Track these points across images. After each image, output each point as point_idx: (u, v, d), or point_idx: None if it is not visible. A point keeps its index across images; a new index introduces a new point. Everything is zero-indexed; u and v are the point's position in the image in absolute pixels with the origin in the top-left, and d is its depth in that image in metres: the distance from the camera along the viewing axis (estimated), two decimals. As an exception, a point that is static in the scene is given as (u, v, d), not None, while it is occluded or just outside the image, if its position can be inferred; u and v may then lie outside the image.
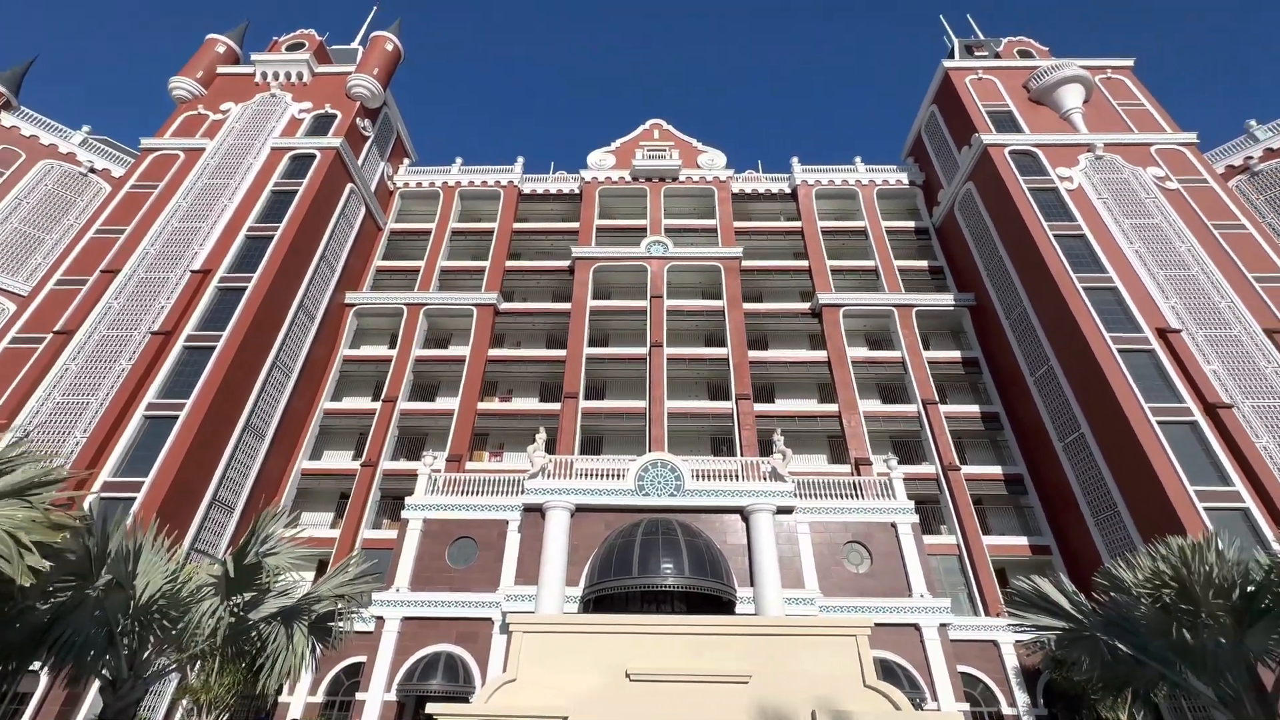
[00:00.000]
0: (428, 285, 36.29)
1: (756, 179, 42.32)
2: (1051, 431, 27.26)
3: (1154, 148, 32.53)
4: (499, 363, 33.96)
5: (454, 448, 29.86)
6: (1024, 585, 10.94)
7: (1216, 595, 9.21)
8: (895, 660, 19.20)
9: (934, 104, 39.84)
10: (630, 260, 36.23)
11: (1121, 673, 10.53)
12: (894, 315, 34.22)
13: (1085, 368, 25.40)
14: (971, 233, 34.77)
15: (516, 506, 21.90)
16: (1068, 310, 26.47)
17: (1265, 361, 24.28)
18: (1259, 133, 36.88)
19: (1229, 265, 27.34)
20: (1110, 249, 28.19)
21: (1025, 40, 40.57)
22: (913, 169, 41.78)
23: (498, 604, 19.95)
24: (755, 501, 21.10)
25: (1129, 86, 36.62)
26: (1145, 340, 25.16)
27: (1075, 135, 33.34)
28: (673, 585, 18.59)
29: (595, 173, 40.89)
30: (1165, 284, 26.92)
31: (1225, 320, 25.61)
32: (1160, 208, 29.73)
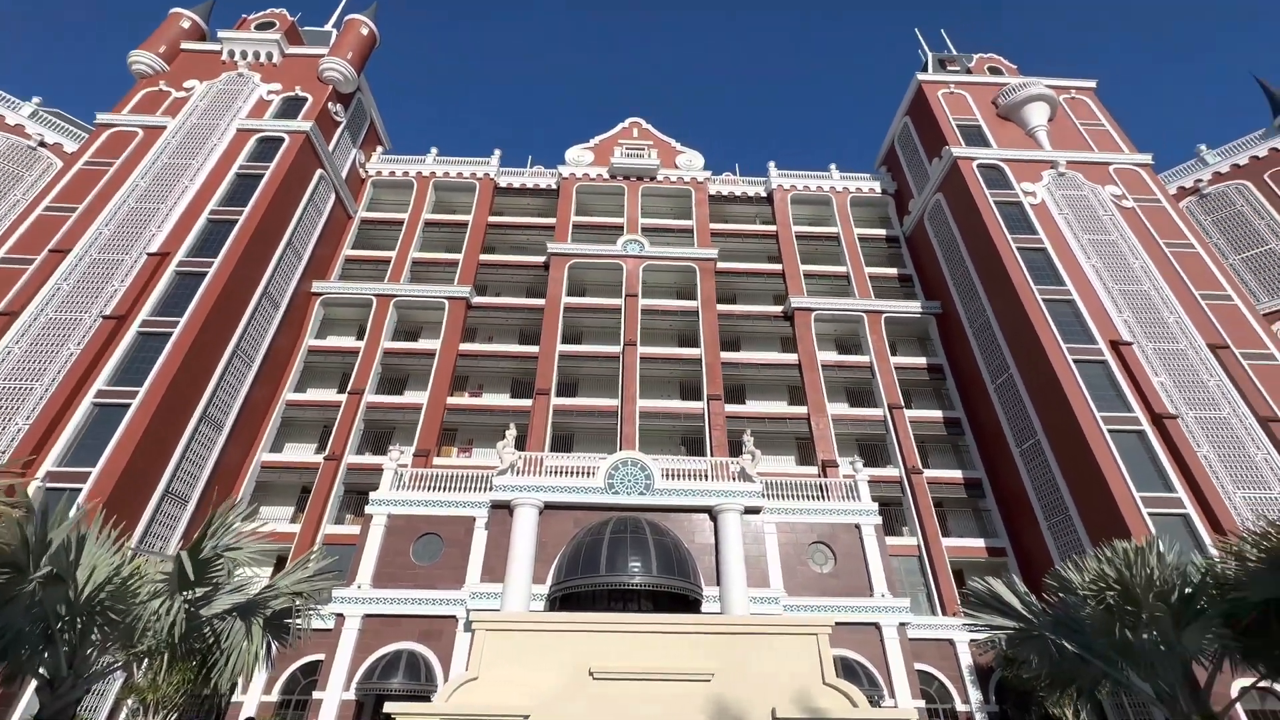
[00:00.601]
0: (399, 276, 35.58)
1: (734, 182, 42.66)
2: (1010, 437, 28.18)
3: (1112, 167, 33.89)
4: (470, 357, 33.52)
5: (422, 442, 29.37)
6: (979, 586, 11.31)
7: (1156, 597, 9.67)
8: (855, 658, 19.61)
9: (907, 115, 40.74)
10: (606, 258, 36.15)
11: (1067, 670, 10.96)
12: (863, 321, 34.92)
13: (1043, 376, 26.33)
14: (940, 242, 35.68)
15: (484, 503, 21.65)
16: (1028, 321, 27.39)
17: (1208, 375, 25.53)
18: (1208, 157, 38.75)
19: (1178, 283, 28.65)
20: (1069, 263, 29.26)
21: (995, 57, 41.80)
22: (885, 178, 42.66)
23: (463, 601, 19.71)
24: (723, 501, 21.29)
25: (1091, 107, 38.05)
26: (1099, 352, 26.19)
27: (1039, 152, 34.50)
28: (640, 584, 18.64)
29: (573, 169, 40.66)
30: (1119, 298, 28.06)
31: (1173, 335, 26.83)
32: (1116, 225, 30.98)
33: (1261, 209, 35.78)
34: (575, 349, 33.10)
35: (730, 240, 39.72)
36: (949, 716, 21.38)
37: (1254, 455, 23.25)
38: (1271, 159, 36.70)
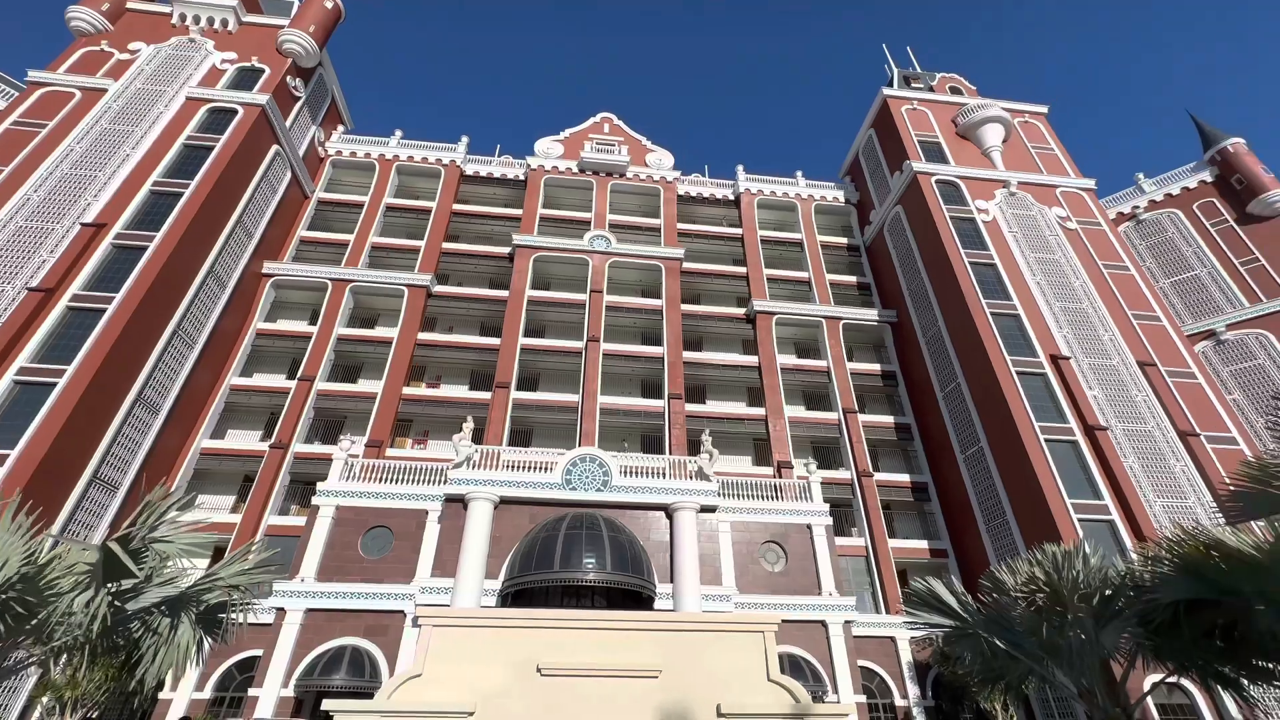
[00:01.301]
0: (356, 261, 34.47)
1: (702, 183, 42.98)
2: (955, 444, 29.37)
3: (1059, 190, 35.64)
4: (429, 347, 32.77)
5: (375, 433, 28.57)
6: (920, 586, 11.73)
7: (1080, 598, 10.25)
8: (802, 655, 20.11)
9: (872, 128, 41.86)
10: (572, 253, 35.90)
11: (998, 667, 11.50)
12: (822, 326, 35.75)
13: (988, 387, 27.52)
14: (898, 253, 36.83)
15: (438, 496, 21.24)
16: (976, 333, 28.57)
17: (1137, 391, 27.18)
18: (1146, 186, 41.20)
19: (1113, 302, 30.38)
20: (1016, 279, 30.64)
21: (956, 78, 43.34)
22: (849, 188, 43.74)
23: (412, 596, 19.29)
24: (680, 499, 21.48)
25: (1042, 131, 39.90)
26: (1040, 365, 27.54)
27: (994, 171, 36.00)
28: (594, 580, 18.63)
29: (542, 160, 40.19)
30: (1060, 315, 29.56)
31: (1107, 351, 28.44)
32: (1060, 245, 32.61)
33: (1190, 237, 38.28)
34: (537, 343, 32.78)
35: (696, 241, 40.01)
36: (888, 711, 22.18)
37: (1173, 467, 24.89)
38: (1200, 191, 39.29)
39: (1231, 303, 35.11)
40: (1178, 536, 9.70)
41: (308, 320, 33.19)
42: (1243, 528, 8.92)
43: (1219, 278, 36.18)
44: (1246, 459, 8.02)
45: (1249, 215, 36.93)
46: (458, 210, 38.56)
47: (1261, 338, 33.29)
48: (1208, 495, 23.64)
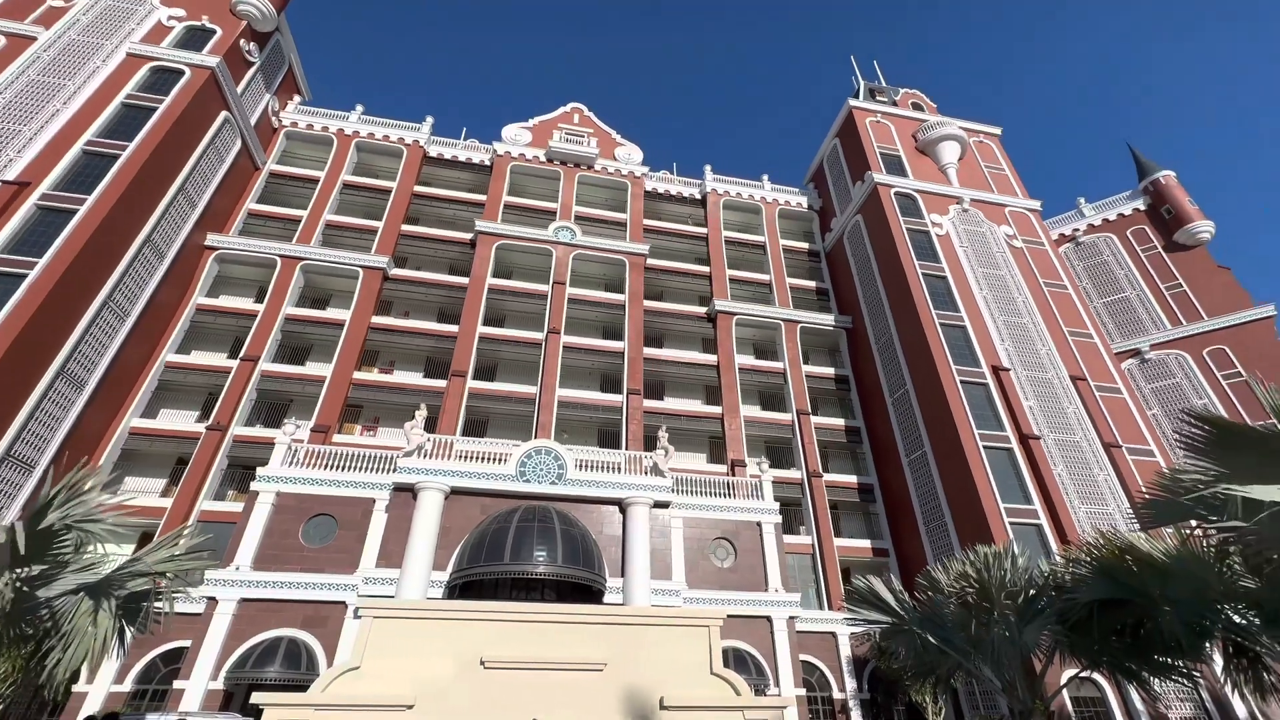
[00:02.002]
0: (309, 238, 33.09)
1: (670, 180, 43.10)
2: (901, 447, 30.49)
3: (1008, 209, 37.34)
4: (383, 331, 31.81)
5: (322, 417, 27.58)
6: (861, 584, 12.18)
7: (1007, 596, 10.85)
8: (747, 649, 20.55)
9: (837, 137, 42.85)
10: (536, 242, 35.45)
11: (929, 661, 12.06)
12: (781, 329, 36.46)
13: (934, 394, 28.67)
14: (856, 261, 37.89)
15: (387, 485, 20.68)
16: (926, 342, 29.70)
17: (1068, 403, 28.81)
18: (1086, 210, 43.60)
19: (1051, 319, 32.08)
20: (965, 292, 31.98)
21: (918, 94, 44.79)
22: (812, 194, 44.66)
23: (354, 587, 18.76)
24: (634, 494, 21.58)
25: (995, 151, 41.69)
26: (982, 375, 28.86)
27: (949, 187, 37.41)
28: (544, 573, 18.52)
29: (509, 147, 39.48)
30: (1002, 328, 31.02)
31: (1043, 365, 30.04)
32: (1006, 261, 34.21)
33: (1122, 260, 40.76)
34: (496, 332, 32.26)
35: (662, 238, 40.13)
36: (826, 703, 22.91)
37: (1097, 476, 26.53)
38: (1134, 218, 41.85)
39: (1156, 324, 37.60)
40: (1096, 541, 10.38)
41: (254, 298, 31.70)
42: (1154, 534, 9.59)
43: (1146, 300, 38.68)
44: (1161, 470, 8.63)
45: (1175, 243, 39.58)
46: (419, 192, 37.49)
47: (1180, 358, 35.79)
48: (1126, 503, 25.32)
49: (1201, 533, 8.57)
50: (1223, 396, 33.51)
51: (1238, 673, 9.43)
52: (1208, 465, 6.88)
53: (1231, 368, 34.08)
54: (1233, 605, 8.36)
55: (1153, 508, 8.13)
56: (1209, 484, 6.91)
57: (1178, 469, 8.17)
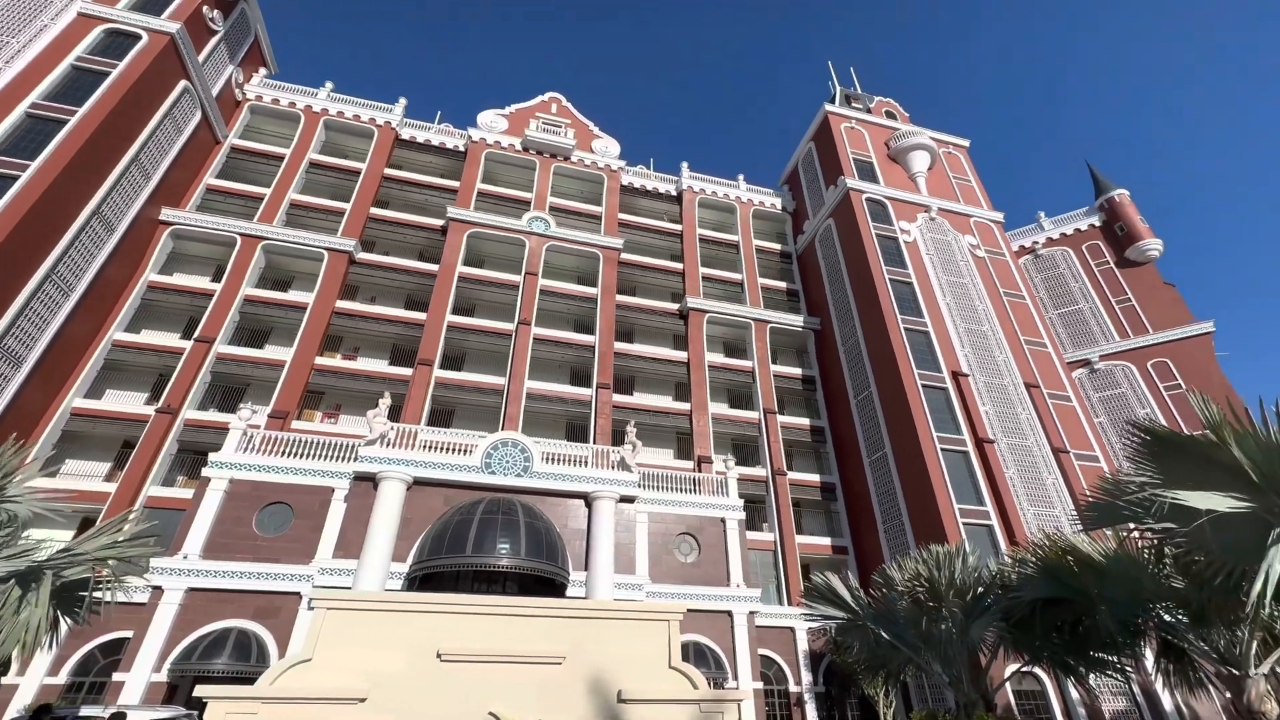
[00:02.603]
0: (271, 217, 31.95)
1: (647, 175, 43.03)
2: (863, 448, 31.22)
3: (972, 219, 38.47)
4: (347, 316, 30.97)
5: (280, 403, 26.75)
6: (819, 581, 12.48)
7: (956, 594, 11.24)
8: (707, 643, 20.81)
9: (812, 141, 43.43)
10: (509, 232, 34.99)
11: (881, 656, 12.43)
12: (751, 328, 36.87)
13: (896, 397, 29.42)
14: (826, 264, 38.53)
15: (347, 474, 20.21)
16: (890, 346, 30.43)
17: (1021, 409, 29.93)
18: (1045, 224, 45.24)
19: (1009, 327, 33.24)
20: (929, 299, 32.86)
21: (892, 103, 45.70)
22: (786, 196, 45.20)
23: (310, 577, 18.30)
24: (600, 489, 21.57)
25: (963, 162, 42.87)
26: (943, 380, 29.73)
27: (918, 195, 38.33)
28: (506, 566, 18.39)
29: (484, 133, 38.81)
30: (963, 334, 32.00)
31: (1000, 371, 31.11)
32: (969, 270, 35.27)
33: (1077, 274, 42.47)
34: (466, 321, 31.76)
35: (636, 233, 40.07)
36: (782, 696, 23.39)
37: (1045, 479, 27.66)
38: (1089, 234, 43.62)
39: (1105, 336, 39.32)
40: (1042, 541, 10.82)
41: (210, 276, 30.50)
42: (1095, 535, 10.04)
43: (1097, 313, 40.40)
44: (1104, 475, 9.04)
45: (1126, 259, 41.42)
46: (389, 175, 36.56)
47: (1126, 369, 37.54)
48: (1070, 505, 26.46)
49: (1138, 535, 9.02)
50: (1164, 407, 35.29)
51: (1166, 668, 9.97)
52: (1147, 472, 7.24)
53: (1172, 380, 35.91)
54: (1164, 604, 8.84)
55: (1095, 511, 8.53)
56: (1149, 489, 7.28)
57: (1119, 475, 8.58)
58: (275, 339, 30.28)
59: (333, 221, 33.33)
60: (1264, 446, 5.97)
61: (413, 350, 30.64)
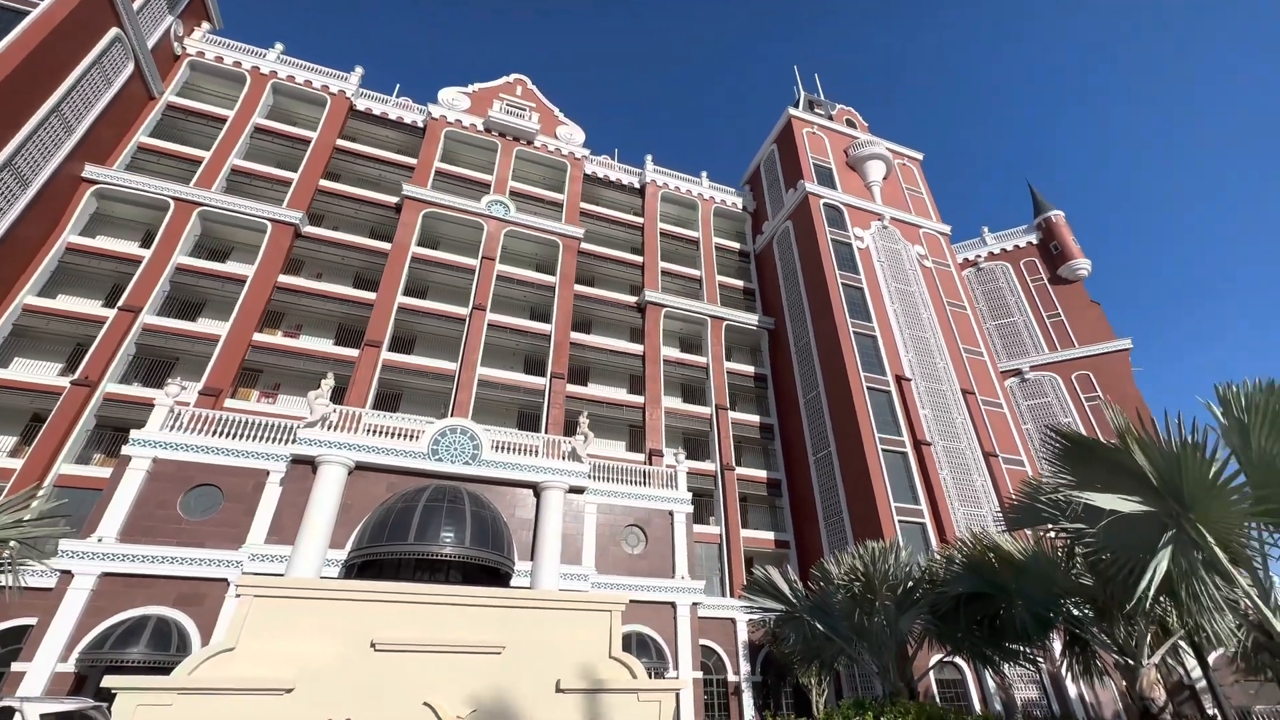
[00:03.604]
0: (210, 183, 30.09)
1: (611, 166, 42.76)
2: (809, 446, 32.15)
3: (922, 230, 40.01)
4: (291, 292, 29.56)
5: (214, 379, 25.34)
6: (760, 574, 12.81)
7: (888, 588, 11.76)
8: (650, 634, 21.06)
9: (775, 143, 44.14)
10: (467, 214, 34.13)
11: (816, 646, 12.90)
12: (707, 324, 37.31)
13: (842, 398, 30.40)
14: (783, 265, 39.33)
15: (284, 456, 19.35)
16: (839, 348, 31.39)
17: (957, 413, 31.46)
18: (988, 239, 47.54)
19: (950, 335, 34.82)
20: (878, 305, 34.04)
21: (853, 111, 46.93)
22: (748, 196, 45.82)
23: (239, 563, 17.47)
24: (550, 479, 21.44)
25: (916, 174, 44.48)
26: (887, 384, 30.91)
27: (873, 204, 39.55)
28: (450, 554, 18.04)
29: (445, 111, 37.65)
30: (908, 340, 33.32)
31: (939, 377, 32.58)
32: (916, 279, 36.71)
33: (1014, 288, 44.86)
34: (417, 303, 30.85)
35: (597, 223, 39.81)
36: (721, 685, 23.96)
37: (975, 481, 29.21)
38: (1027, 250, 46.11)
39: (1036, 348, 41.75)
40: (968, 540, 11.44)
41: (139, 242, 28.53)
42: (1016, 534, 10.68)
43: (1030, 326, 42.82)
44: (1027, 478, 9.61)
45: (1059, 277, 44.01)
46: (342, 147, 35.00)
47: (1052, 380, 39.99)
48: (996, 506, 28.05)
49: (1054, 535, 9.66)
50: (1084, 416, 37.80)
51: (1072, 658, 10.74)
52: (1063, 474, 7.75)
53: (1093, 391, 38.49)
54: (1073, 600, 9.50)
55: (1017, 512, 9.08)
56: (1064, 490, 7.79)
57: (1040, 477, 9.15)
58: (210, 312, 28.63)
59: (278, 191, 31.69)
60: (1164, 455, 6.48)
61: (360, 330, 29.57)
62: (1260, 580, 6.65)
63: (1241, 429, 6.29)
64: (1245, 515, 6.31)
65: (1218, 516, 6.30)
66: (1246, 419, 6.23)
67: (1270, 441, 6.12)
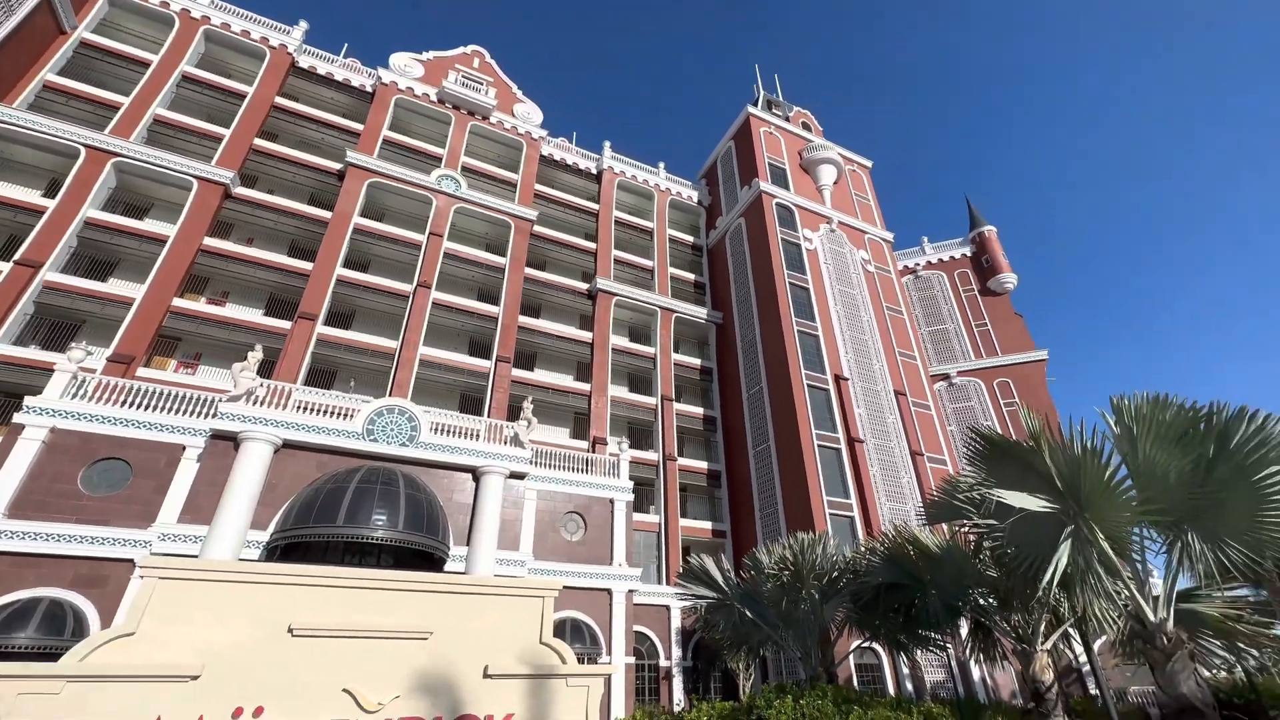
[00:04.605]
0: (129, 131, 27.66)
1: (568, 149, 42.11)
2: (749, 439, 32.99)
3: (867, 236, 41.52)
4: (218, 257, 27.68)
5: (125, 345, 23.47)
6: (694, 562, 13.10)
7: (815, 577, 12.27)
8: (584, 620, 21.16)
9: (732, 140, 44.61)
10: (416, 187, 32.85)
11: (745, 633, 13.33)
12: (657, 315, 37.51)
13: (783, 394, 31.30)
14: (734, 261, 39.96)
15: (203, 430, 18.18)
16: (783, 346, 32.26)
17: (889, 413, 33.00)
18: (927, 248, 49.84)
19: (886, 339, 36.40)
20: (822, 306, 35.15)
21: (808, 115, 47.99)
22: (703, 190, 46.19)
23: (148, 543, 16.34)
24: (490, 463, 21.10)
25: (864, 181, 46.03)
26: (826, 382, 32.03)
27: (823, 207, 40.69)
28: (381, 538, 17.48)
29: (397, 77, 35.98)
30: (848, 341, 34.62)
31: (875, 378, 34.04)
32: (859, 283, 38.12)
33: (948, 297, 47.30)
34: (358, 276, 29.53)
35: (552, 206, 39.20)
36: (653, 670, 24.40)
37: (902, 478, 30.78)
38: (961, 262, 48.65)
39: (964, 355, 44.25)
40: (891, 533, 12.05)
41: (43, 190, 26.00)
42: (935, 528, 11.34)
43: (960, 333, 45.31)
44: (947, 476, 10.20)
45: (988, 288, 46.70)
46: (281, 105, 32.89)
47: (976, 385, 42.52)
48: (919, 502, 29.68)
49: (967, 529, 10.32)
50: (1002, 421, 40.42)
51: (976, 644, 11.54)
52: (980, 473, 8.27)
53: (1011, 397, 41.18)
54: (979, 590, 10.20)
55: (936, 507, 9.62)
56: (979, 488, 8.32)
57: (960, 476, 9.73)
58: (124, 273, 26.45)
59: (207, 147, 29.50)
60: (1067, 458, 7.02)
61: (294, 302, 28.05)
62: (1139, 574, 7.34)
63: (1131, 437, 6.89)
64: (1131, 516, 6.93)
65: (1109, 516, 6.89)
66: (1135, 428, 6.82)
67: (1154, 449, 6.73)
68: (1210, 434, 6.58)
